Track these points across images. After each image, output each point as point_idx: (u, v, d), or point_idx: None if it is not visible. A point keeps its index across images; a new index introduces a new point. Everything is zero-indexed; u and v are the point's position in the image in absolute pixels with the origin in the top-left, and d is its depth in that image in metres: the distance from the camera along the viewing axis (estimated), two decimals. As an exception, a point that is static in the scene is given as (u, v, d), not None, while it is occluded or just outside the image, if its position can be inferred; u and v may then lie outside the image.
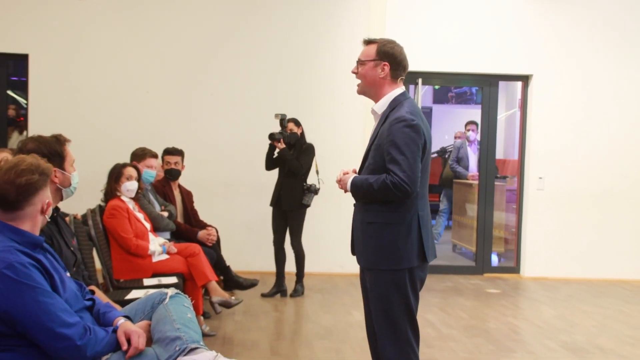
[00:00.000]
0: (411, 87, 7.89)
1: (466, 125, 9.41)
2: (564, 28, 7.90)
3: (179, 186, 6.18)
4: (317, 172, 6.51)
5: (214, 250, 5.79)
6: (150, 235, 5.14)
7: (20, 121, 8.67)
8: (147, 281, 4.84)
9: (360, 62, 3.24)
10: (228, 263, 5.94)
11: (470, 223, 8.66)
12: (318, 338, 5.24)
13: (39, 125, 6.92)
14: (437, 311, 6.18)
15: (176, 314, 2.81)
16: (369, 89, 3.26)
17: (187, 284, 5.09)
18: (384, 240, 3.09)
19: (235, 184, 7.63)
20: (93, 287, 3.36)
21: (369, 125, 6.63)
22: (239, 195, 7.63)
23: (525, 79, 8.11)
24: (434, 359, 4.78)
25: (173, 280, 4.81)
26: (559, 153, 7.93)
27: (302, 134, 6.59)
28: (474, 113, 9.87)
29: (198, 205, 6.30)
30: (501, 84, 8.72)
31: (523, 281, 7.86)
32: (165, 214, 5.60)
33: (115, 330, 2.65)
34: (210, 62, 7.59)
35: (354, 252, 3.30)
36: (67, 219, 3.85)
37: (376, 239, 3.11)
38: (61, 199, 3.19)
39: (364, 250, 3.18)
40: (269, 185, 6.72)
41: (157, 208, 5.61)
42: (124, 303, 3.42)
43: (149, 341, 2.74)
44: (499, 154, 10.44)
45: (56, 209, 3.24)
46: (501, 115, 10.83)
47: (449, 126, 11.97)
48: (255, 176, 7.37)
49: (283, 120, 6.42)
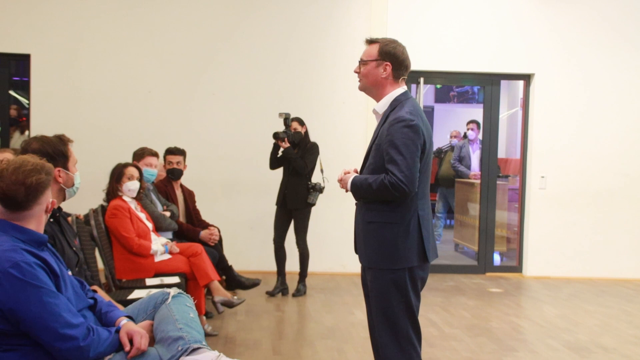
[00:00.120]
0: (413, 87, 7.88)
1: (467, 124, 9.40)
2: (565, 27, 7.89)
3: (181, 186, 6.19)
4: (322, 171, 6.50)
5: (216, 250, 5.80)
6: (153, 235, 5.14)
7: (22, 121, 8.66)
8: (150, 281, 4.84)
9: (362, 62, 3.24)
10: (230, 263, 5.94)
11: (473, 222, 8.66)
12: (320, 338, 5.24)
13: (40, 125, 6.92)
14: (440, 310, 6.18)
15: (178, 313, 2.82)
16: (371, 89, 3.26)
17: (190, 283, 5.09)
18: (383, 240, 3.11)
19: (237, 183, 7.63)
20: (95, 287, 3.36)
21: (371, 125, 6.64)
22: (241, 195, 7.63)
23: (527, 78, 8.10)
24: (436, 358, 4.77)
25: (175, 280, 4.81)
26: (561, 152, 7.92)
27: (306, 132, 6.59)
28: (476, 112, 9.87)
29: (200, 205, 6.31)
30: (503, 83, 8.71)
31: (525, 280, 7.85)
32: (168, 213, 5.60)
33: (118, 331, 2.65)
34: (212, 62, 7.60)
35: (357, 251, 3.32)
36: (70, 219, 3.85)
37: (376, 238, 3.13)
38: (64, 199, 3.19)
39: (365, 249, 3.20)
40: (271, 185, 6.72)
41: (160, 208, 5.61)
42: (126, 303, 3.42)
43: (152, 341, 2.75)
44: (501, 153, 10.42)
45: (59, 209, 3.24)
46: (503, 114, 10.83)
47: (451, 125, 11.95)
48: (257, 176, 7.38)
49: (287, 119, 6.40)
